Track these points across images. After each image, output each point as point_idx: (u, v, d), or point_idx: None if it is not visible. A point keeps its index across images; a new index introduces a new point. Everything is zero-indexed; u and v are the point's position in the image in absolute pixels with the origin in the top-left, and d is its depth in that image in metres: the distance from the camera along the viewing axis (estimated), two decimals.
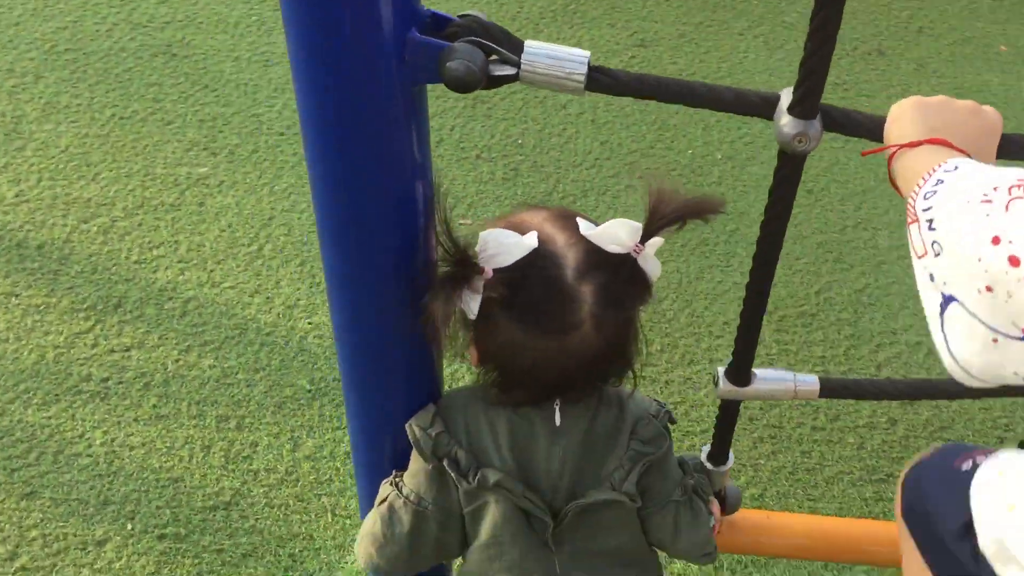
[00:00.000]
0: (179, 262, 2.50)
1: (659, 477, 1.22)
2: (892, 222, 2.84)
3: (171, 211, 2.65)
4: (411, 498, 1.21)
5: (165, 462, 2.03)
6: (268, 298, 2.42)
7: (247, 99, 3.09)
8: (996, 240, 0.75)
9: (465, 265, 1.06)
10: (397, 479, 1.25)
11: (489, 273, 1.06)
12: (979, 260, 0.76)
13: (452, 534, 1.23)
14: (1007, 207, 0.76)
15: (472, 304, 1.07)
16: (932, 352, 2.46)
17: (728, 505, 1.44)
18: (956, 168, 0.85)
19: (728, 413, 1.29)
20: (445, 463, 1.17)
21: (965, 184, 0.82)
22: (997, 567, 0.94)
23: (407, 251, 1.14)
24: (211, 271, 2.48)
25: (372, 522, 1.25)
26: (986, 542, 0.95)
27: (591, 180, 2.88)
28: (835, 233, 2.79)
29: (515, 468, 1.17)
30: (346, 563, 1.88)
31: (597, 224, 1.10)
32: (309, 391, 2.20)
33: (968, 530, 0.98)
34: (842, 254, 2.72)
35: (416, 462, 1.22)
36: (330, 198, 1.09)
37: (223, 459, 2.05)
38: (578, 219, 1.10)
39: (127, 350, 2.25)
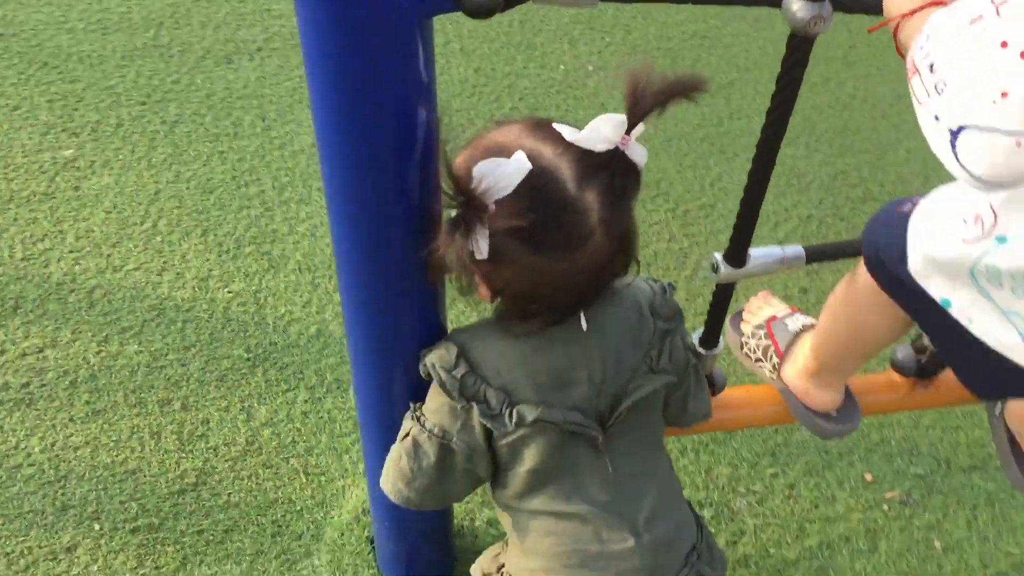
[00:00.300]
0: (70, 252, 2.35)
1: (678, 349, 1.26)
2: (761, 109, 2.98)
3: (45, 200, 2.48)
4: (435, 431, 1.20)
5: (116, 456, 1.94)
6: (178, 274, 2.31)
7: (95, 72, 2.90)
8: (1004, 44, 0.82)
9: (473, 205, 1.02)
10: (418, 413, 1.24)
11: (492, 207, 1.02)
12: (991, 70, 0.82)
13: (479, 464, 1.22)
14: (998, 12, 0.83)
15: (482, 243, 1.03)
16: (823, 223, 2.65)
17: (716, 387, 1.53)
18: (937, 17, 0.92)
19: (722, 297, 1.36)
20: (475, 407, 1.15)
21: (949, 20, 0.89)
22: (923, 283, 1.04)
23: (415, 185, 1.12)
24: (108, 256, 2.34)
25: (397, 456, 1.25)
26: (915, 263, 1.04)
27: (474, 107, 2.88)
28: (713, 127, 2.91)
29: (554, 391, 1.16)
30: (332, 518, 1.87)
31: (575, 126, 1.07)
32: (248, 359, 2.14)
33: (904, 258, 1.08)
34: (724, 145, 2.85)
35: (437, 398, 1.21)
36: (340, 139, 1.06)
37: (177, 442, 1.98)
38: (555, 126, 1.07)
39: (40, 351, 2.12)
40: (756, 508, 1.97)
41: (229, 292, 2.28)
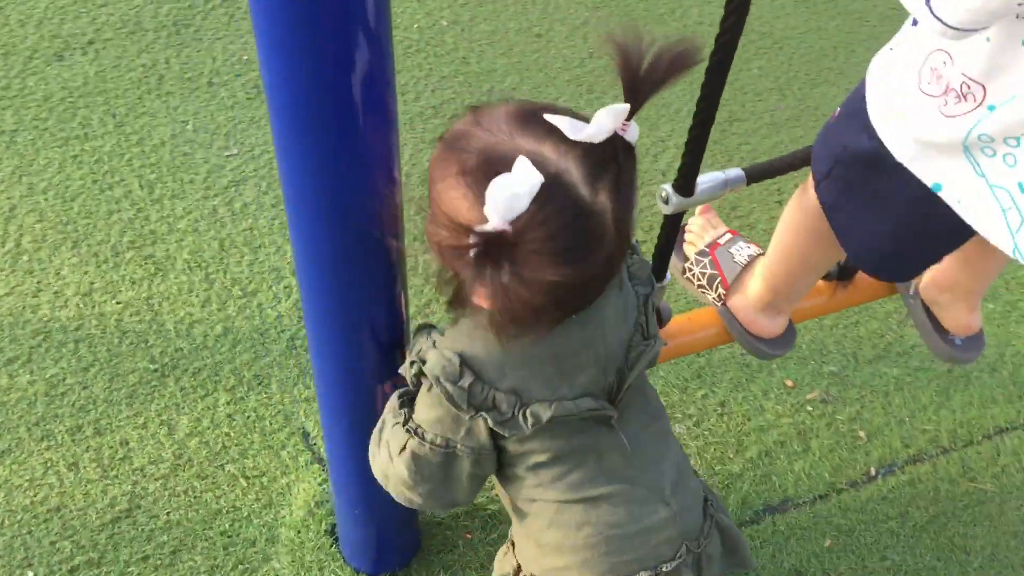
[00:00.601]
0: None
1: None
2: None
3: None
4: (437, 442, 1.13)
5: (34, 496, 1.80)
6: (56, 293, 2.14)
7: None
8: None
9: (497, 243, 0.90)
10: (413, 424, 1.14)
11: (508, 229, 0.91)
12: None
13: (486, 466, 1.17)
14: None
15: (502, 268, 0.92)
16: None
17: (663, 319, 1.55)
18: None
19: (672, 229, 1.38)
20: (486, 417, 1.08)
21: None
22: (914, 167, 1.09)
23: (371, 149, 1.07)
24: None
25: (399, 468, 1.16)
26: (904, 150, 1.09)
27: None
28: (576, 68, 2.93)
29: (562, 379, 1.10)
30: (284, 518, 1.80)
31: (570, 115, 0.96)
32: (155, 370, 2.01)
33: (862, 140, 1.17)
34: (591, 85, 2.87)
35: (436, 409, 1.11)
36: (290, 102, 1.01)
37: (99, 470, 1.85)
38: (547, 116, 0.95)
39: None
40: (695, 430, 2.03)
41: (118, 303, 2.13)
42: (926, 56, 1.05)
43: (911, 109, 1.08)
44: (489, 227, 0.90)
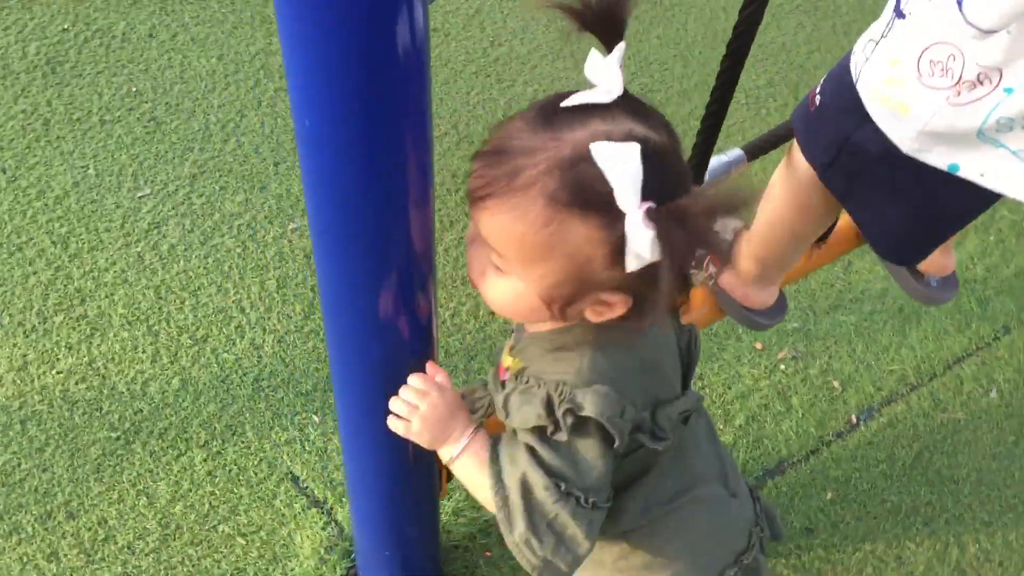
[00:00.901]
0: None
1: None
2: (515, 30, 2.99)
3: None
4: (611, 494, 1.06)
5: None
6: None
7: None
8: None
9: (667, 215, 0.85)
10: (597, 495, 1.00)
11: (653, 204, 0.85)
12: None
13: None
14: None
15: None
16: None
17: None
18: None
19: None
20: (639, 438, 1.01)
21: None
22: (922, 157, 1.10)
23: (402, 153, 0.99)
24: None
25: (588, 546, 1.02)
26: (908, 143, 1.11)
27: (237, 98, 2.64)
28: (479, 58, 2.88)
29: (672, 375, 1.08)
30: (293, 570, 1.71)
31: (573, 93, 0.92)
32: (118, 438, 1.88)
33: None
34: (499, 73, 2.83)
35: (605, 455, 0.99)
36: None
37: (82, 556, 1.71)
38: (570, 101, 0.90)
39: None
40: None
41: (58, 373, 1.97)
42: (920, 50, 1.06)
43: (914, 103, 1.09)
44: (641, 207, 0.84)
